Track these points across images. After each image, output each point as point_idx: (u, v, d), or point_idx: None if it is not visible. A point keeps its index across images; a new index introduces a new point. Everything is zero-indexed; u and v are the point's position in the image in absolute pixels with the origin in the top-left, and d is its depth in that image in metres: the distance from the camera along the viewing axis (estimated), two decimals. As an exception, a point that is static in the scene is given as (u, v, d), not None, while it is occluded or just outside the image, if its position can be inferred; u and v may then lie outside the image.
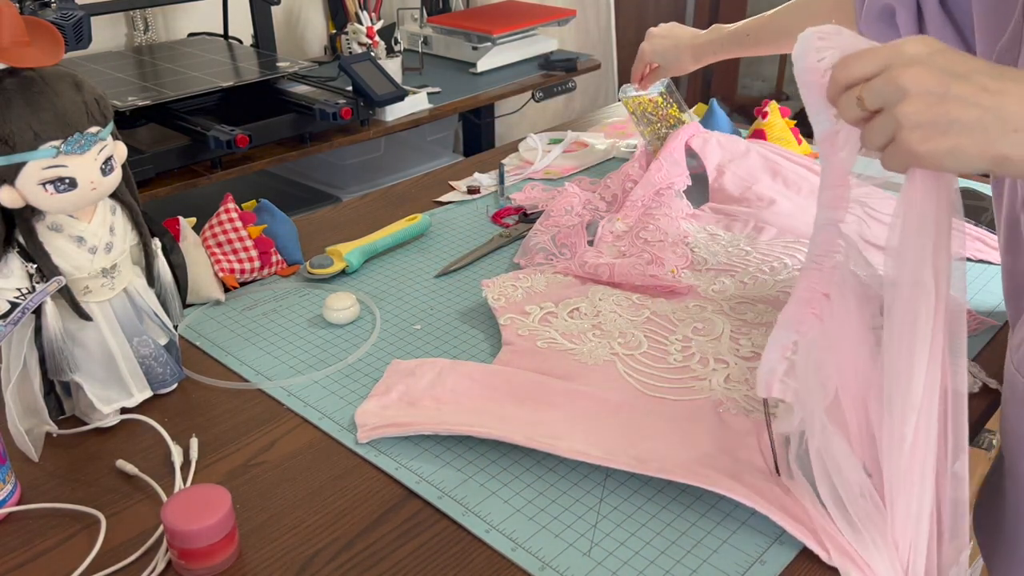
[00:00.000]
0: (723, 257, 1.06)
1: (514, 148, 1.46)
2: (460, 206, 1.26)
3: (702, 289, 0.99)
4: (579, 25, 2.79)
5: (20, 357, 0.72)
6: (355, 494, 0.72)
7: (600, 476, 0.72)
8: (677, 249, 1.05)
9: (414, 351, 0.91)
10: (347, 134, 1.81)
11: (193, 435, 0.78)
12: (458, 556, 0.65)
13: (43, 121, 0.67)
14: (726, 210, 1.18)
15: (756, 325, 0.91)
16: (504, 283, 0.99)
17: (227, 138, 1.54)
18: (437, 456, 0.75)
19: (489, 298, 0.96)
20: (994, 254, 1.05)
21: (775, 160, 1.25)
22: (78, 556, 0.65)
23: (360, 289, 1.02)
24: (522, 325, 0.92)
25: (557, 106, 2.82)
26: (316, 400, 0.83)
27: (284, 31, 2.28)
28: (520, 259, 1.07)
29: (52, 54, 0.68)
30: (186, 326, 0.95)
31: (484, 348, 0.91)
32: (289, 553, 0.66)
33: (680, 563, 0.64)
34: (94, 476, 0.74)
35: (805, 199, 1.17)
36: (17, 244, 0.72)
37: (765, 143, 1.30)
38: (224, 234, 1.02)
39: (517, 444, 0.73)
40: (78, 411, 0.80)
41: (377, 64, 1.85)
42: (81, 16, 1.31)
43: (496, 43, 2.20)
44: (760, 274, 1.02)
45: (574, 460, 0.73)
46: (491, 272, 1.06)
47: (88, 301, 0.76)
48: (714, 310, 0.94)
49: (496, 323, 0.93)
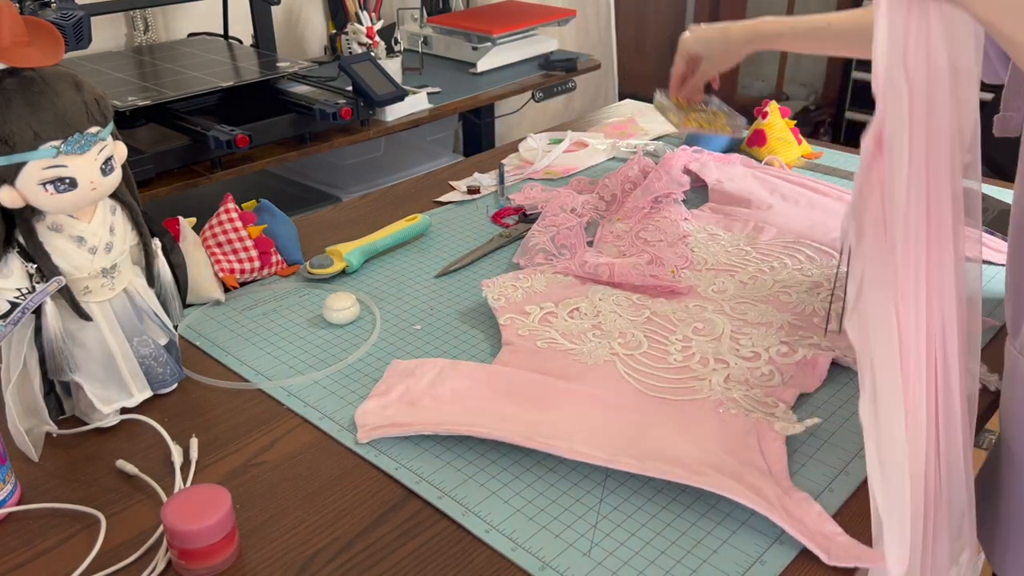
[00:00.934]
0: (723, 257, 1.06)
1: (514, 148, 1.46)
2: (460, 206, 1.26)
3: (702, 289, 0.99)
4: (579, 25, 2.79)
5: (20, 357, 0.72)
6: (355, 494, 0.72)
7: (600, 476, 0.72)
8: (677, 249, 1.05)
9: (414, 351, 0.91)
10: (347, 134, 1.81)
11: (193, 435, 0.78)
12: (458, 556, 0.65)
13: (43, 121, 0.67)
14: (726, 210, 1.18)
15: (756, 325, 0.91)
16: (504, 283, 0.99)
17: (227, 138, 1.54)
18: (437, 456, 0.75)
19: (489, 298, 0.96)
20: (994, 254, 1.05)
21: (772, 181, 1.26)
22: (78, 556, 0.65)
23: (360, 289, 1.02)
24: (522, 325, 0.92)
25: (557, 106, 2.82)
26: (316, 400, 0.83)
27: (284, 31, 2.28)
28: (520, 259, 1.07)
29: (52, 54, 0.68)
30: (186, 326, 0.95)
31: (484, 348, 0.91)
32: (289, 553, 0.66)
33: (680, 563, 0.64)
34: (94, 476, 0.74)
35: (803, 209, 1.17)
36: (17, 244, 0.72)
37: (761, 168, 1.30)
38: (224, 234, 1.02)
39: (517, 444, 0.73)
40: (78, 411, 0.80)
41: (377, 64, 1.85)
42: (81, 16, 1.31)
43: (496, 43, 2.20)
44: (760, 274, 1.02)
45: (574, 460, 0.73)
46: (491, 272, 1.06)
47: (88, 301, 0.76)
48: (714, 310, 0.94)
49: (496, 323, 0.93)
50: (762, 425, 0.75)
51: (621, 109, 1.67)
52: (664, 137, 1.48)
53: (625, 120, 1.57)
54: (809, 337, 0.88)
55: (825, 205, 1.18)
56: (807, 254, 1.06)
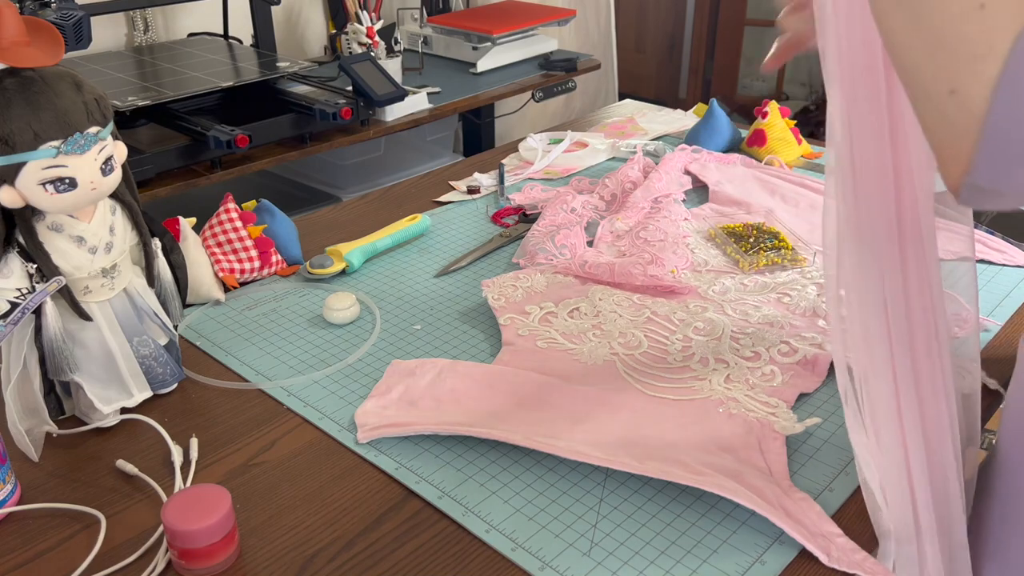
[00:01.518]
0: (724, 258, 1.06)
1: (514, 148, 1.46)
2: (460, 206, 1.26)
3: (703, 290, 0.99)
4: (579, 25, 2.79)
5: (20, 357, 0.72)
6: (355, 494, 0.72)
7: (600, 476, 0.72)
8: (677, 249, 1.05)
9: (414, 351, 0.91)
10: (347, 134, 1.81)
11: (193, 435, 0.78)
12: (458, 556, 0.65)
13: (43, 121, 0.67)
14: (726, 212, 1.18)
15: (757, 325, 0.91)
16: (504, 283, 0.99)
17: (227, 138, 1.54)
18: (437, 456, 0.75)
19: (489, 298, 0.96)
20: (994, 254, 1.05)
21: (772, 181, 1.26)
22: (78, 556, 0.65)
23: (360, 289, 1.02)
24: (522, 325, 0.92)
25: (557, 106, 2.82)
26: (316, 400, 0.83)
27: (284, 31, 2.28)
28: (520, 259, 1.07)
29: (52, 54, 0.68)
30: (186, 326, 0.95)
31: (484, 348, 0.91)
32: (289, 553, 0.66)
33: (680, 563, 0.64)
34: (94, 476, 0.74)
35: (803, 211, 1.18)
36: (17, 244, 0.72)
37: (762, 168, 1.30)
38: (224, 234, 1.02)
39: (517, 444, 0.73)
40: (78, 411, 0.80)
41: (377, 64, 1.85)
42: (81, 16, 1.31)
43: (496, 43, 2.20)
44: (760, 275, 1.02)
45: (574, 460, 0.73)
46: (491, 272, 1.06)
47: (88, 301, 0.76)
48: (715, 310, 0.94)
49: (496, 322, 0.93)
50: (762, 425, 0.75)
51: (621, 109, 1.67)
52: (664, 137, 1.48)
53: (625, 120, 1.57)
54: (810, 337, 0.88)
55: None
56: (808, 256, 1.06)
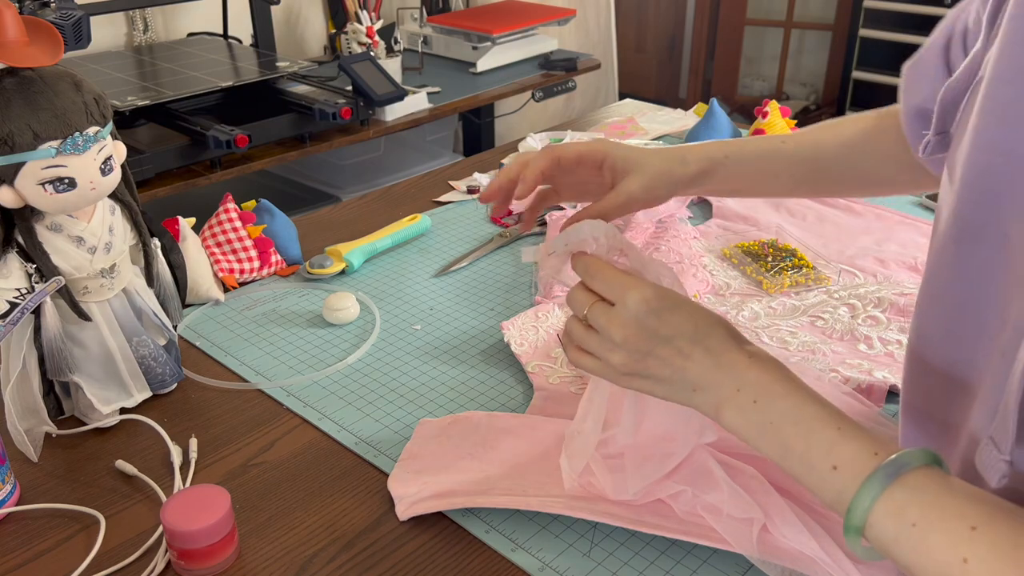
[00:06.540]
0: (744, 279, 1.02)
1: (514, 148, 1.46)
2: (460, 206, 1.26)
3: (731, 316, 0.93)
4: (579, 25, 2.79)
5: (20, 357, 0.72)
6: (355, 494, 0.71)
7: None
8: (696, 273, 1.00)
9: (414, 351, 0.91)
10: (347, 134, 1.81)
11: (192, 435, 0.78)
12: (458, 556, 0.65)
13: (42, 121, 0.67)
14: (734, 228, 1.14)
15: (798, 353, 0.86)
16: (524, 325, 0.93)
17: (227, 138, 1.54)
18: (437, 456, 0.75)
19: (512, 344, 0.90)
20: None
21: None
22: (78, 556, 0.65)
23: (360, 289, 1.02)
24: (552, 373, 0.86)
25: (557, 106, 2.82)
26: (316, 400, 0.83)
27: (284, 31, 2.28)
28: (538, 297, 1.00)
29: (52, 54, 0.68)
30: (186, 326, 0.95)
31: (484, 348, 0.91)
32: (289, 553, 0.66)
33: (680, 563, 0.64)
34: (93, 476, 0.74)
35: (812, 225, 1.14)
36: (16, 244, 0.72)
37: None
38: (224, 234, 1.01)
39: (583, 518, 0.67)
40: (77, 411, 0.80)
41: (377, 64, 1.85)
42: (81, 16, 1.31)
43: (496, 43, 2.20)
44: (787, 298, 0.96)
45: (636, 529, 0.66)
46: (491, 272, 1.06)
47: (87, 301, 0.76)
48: (750, 337, 0.84)
49: (496, 322, 0.93)
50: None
51: (621, 109, 1.67)
52: (664, 137, 1.48)
53: (625, 120, 1.57)
54: (857, 364, 0.84)
55: (834, 219, 1.15)
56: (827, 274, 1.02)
